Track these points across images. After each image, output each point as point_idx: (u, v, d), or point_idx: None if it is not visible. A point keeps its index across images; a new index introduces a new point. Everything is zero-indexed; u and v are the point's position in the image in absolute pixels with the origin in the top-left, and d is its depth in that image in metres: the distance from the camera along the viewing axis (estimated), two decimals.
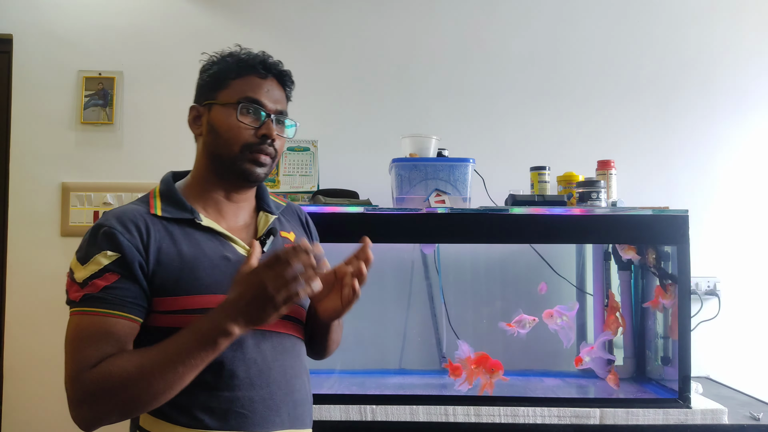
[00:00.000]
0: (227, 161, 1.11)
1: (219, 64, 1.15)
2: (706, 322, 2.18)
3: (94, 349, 0.96)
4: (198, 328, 0.95)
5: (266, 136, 1.11)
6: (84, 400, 0.95)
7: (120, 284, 1.00)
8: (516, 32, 2.35)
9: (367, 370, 2.06)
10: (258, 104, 1.12)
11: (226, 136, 1.10)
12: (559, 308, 1.85)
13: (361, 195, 1.96)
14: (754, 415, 1.71)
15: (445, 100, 2.33)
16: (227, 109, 1.11)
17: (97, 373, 0.94)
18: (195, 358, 0.94)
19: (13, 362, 2.20)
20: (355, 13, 2.34)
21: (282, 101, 1.17)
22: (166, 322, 1.02)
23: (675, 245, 1.75)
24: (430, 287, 2.15)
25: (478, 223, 1.76)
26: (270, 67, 1.16)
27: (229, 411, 1.03)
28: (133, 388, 0.94)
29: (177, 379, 0.95)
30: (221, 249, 1.09)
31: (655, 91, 2.32)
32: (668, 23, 2.34)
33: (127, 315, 0.99)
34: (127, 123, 2.29)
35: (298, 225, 1.29)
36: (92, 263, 1.00)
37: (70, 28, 2.29)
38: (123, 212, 1.06)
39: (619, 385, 1.85)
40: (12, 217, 2.24)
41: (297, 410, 1.11)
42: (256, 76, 1.13)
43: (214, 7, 2.33)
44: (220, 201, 1.15)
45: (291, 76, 1.20)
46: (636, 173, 2.24)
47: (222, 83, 1.13)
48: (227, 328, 0.94)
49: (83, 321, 0.98)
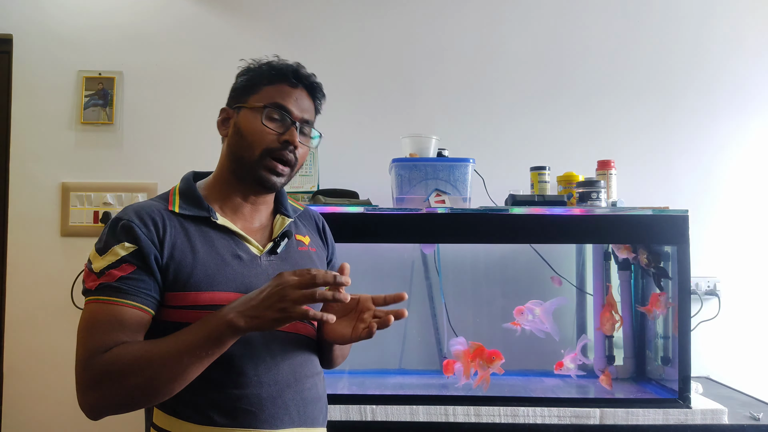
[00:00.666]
0: (247, 164, 1.13)
1: (254, 71, 1.18)
2: (706, 322, 2.18)
3: (106, 335, 0.98)
4: (206, 321, 0.98)
5: (288, 142, 1.12)
6: (92, 385, 0.97)
7: (135, 275, 1.02)
8: (516, 32, 2.35)
9: (367, 370, 2.06)
10: (284, 110, 1.13)
11: (250, 139, 1.12)
12: (531, 304, 1.85)
13: (361, 195, 1.96)
14: (754, 415, 1.71)
15: (445, 100, 2.33)
16: (254, 113, 1.13)
17: (107, 358, 0.96)
18: (200, 350, 0.96)
19: (13, 362, 2.20)
20: (355, 13, 2.35)
21: (310, 111, 1.18)
22: (176, 316, 1.04)
23: (675, 245, 1.75)
24: (430, 287, 2.15)
25: (478, 223, 1.76)
26: (301, 78, 1.18)
27: (237, 408, 1.04)
28: (138, 375, 0.96)
29: (182, 371, 0.96)
30: (234, 248, 1.11)
31: (655, 91, 2.32)
32: (668, 23, 2.34)
33: (140, 306, 1.01)
34: (127, 123, 2.29)
35: (314, 231, 1.30)
36: (110, 254, 1.02)
37: (70, 28, 2.29)
38: (141, 207, 1.09)
39: (612, 385, 1.84)
40: (12, 218, 2.24)
41: (307, 409, 1.12)
42: (287, 85, 1.16)
43: (215, 7, 2.33)
44: (239, 203, 1.17)
45: (322, 89, 1.22)
46: (636, 173, 2.24)
47: (254, 88, 1.16)
48: (233, 322, 0.95)
49: (98, 309, 1.01)
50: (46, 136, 2.26)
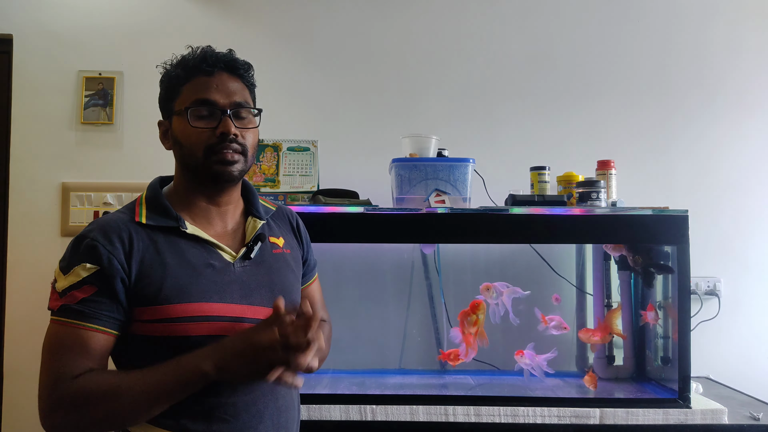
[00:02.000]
0: (197, 168, 1.09)
1: (169, 74, 1.12)
2: (706, 322, 2.18)
3: (71, 361, 0.98)
4: (179, 365, 0.98)
5: (224, 133, 1.07)
6: (58, 409, 0.96)
7: (97, 297, 1.00)
8: (516, 32, 2.35)
9: (367, 370, 2.06)
10: (208, 104, 1.08)
11: (188, 144, 1.08)
12: (500, 284, 1.86)
13: (361, 195, 1.96)
14: (754, 415, 1.71)
15: (445, 100, 2.33)
16: (182, 118, 1.09)
17: (74, 387, 0.96)
18: (170, 392, 0.97)
19: (13, 362, 2.20)
20: (355, 13, 2.34)
21: (238, 92, 1.11)
22: (149, 330, 1.02)
23: (675, 245, 1.75)
24: (430, 287, 2.15)
25: (478, 223, 1.76)
26: (214, 62, 1.10)
27: (212, 416, 1.03)
28: (105, 407, 0.96)
29: (149, 408, 0.98)
30: (206, 257, 1.08)
31: (655, 91, 2.32)
32: (668, 23, 2.34)
33: (101, 328, 1.00)
34: (127, 123, 2.29)
35: (288, 230, 1.27)
36: (72, 274, 1.01)
37: (70, 28, 2.29)
38: (107, 222, 1.06)
39: (596, 386, 1.84)
40: (12, 217, 2.24)
41: (281, 417, 1.11)
42: (202, 75, 1.09)
43: (214, 7, 2.33)
44: (205, 207, 1.13)
45: (243, 63, 1.13)
46: (636, 173, 2.24)
47: (175, 92, 1.11)
48: (204, 370, 0.96)
49: (60, 331, 1.00)
50: (46, 136, 2.26)
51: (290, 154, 2.00)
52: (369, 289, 2.17)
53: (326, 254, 2.02)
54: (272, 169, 1.97)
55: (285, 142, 1.99)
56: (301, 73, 2.31)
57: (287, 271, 1.19)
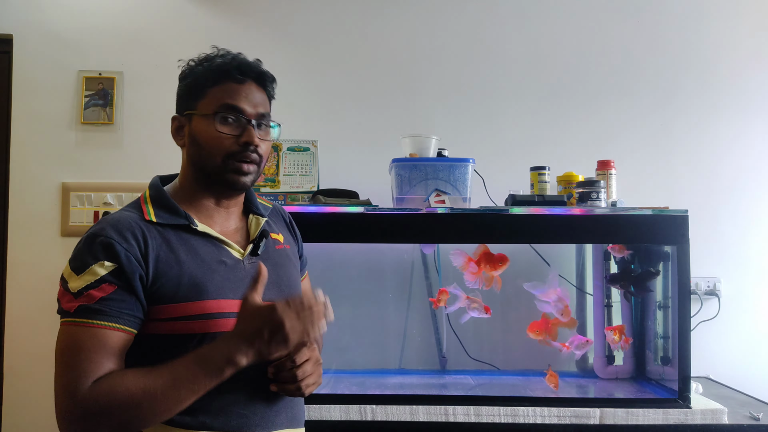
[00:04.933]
0: (211, 172, 1.10)
1: (195, 73, 1.13)
2: (706, 322, 2.19)
3: (92, 362, 0.95)
4: (205, 355, 0.96)
5: (248, 143, 1.08)
6: (81, 416, 0.93)
7: (117, 295, 0.98)
8: (516, 32, 2.35)
9: (367, 370, 2.06)
10: (237, 111, 1.09)
11: (208, 147, 1.08)
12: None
13: (361, 195, 1.96)
14: (754, 415, 1.71)
15: (445, 100, 2.33)
16: (207, 120, 1.09)
17: (98, 391, 0.93)
18: (199, 384, 0.95)
19: (13, 362, 2.20)
20: (355, 13, 2.34)
21: (263, 104, 1.13)
22: (167, 329, 1.02)
23: (675, 245, 1.75)
24: (430, 287, 2.15)
25: (478, 223, 1.76)
26: (247, 71, 1.11)
27: (230, 412, 1.04)
28: (135, 410, 0.94)
29: (178, 403, 0.96)
30: (217, 254, 1.09)
31: (655, 91, 2.32)
32: (668, 23, 2.33)
33: (123, 327, 0.98)
34: (127, 123, 2.29)
35: (284, 226, 1.29)
36: (88, 273, 0.98)
37: (70, 28, 2.29)
38: (118, 220, 1.04)
39: (558, 386, 1.82)
40: (12, 217, 2.24)
41: (294, 410, 1.13)
42: (233, 82, 1.10)
43: (214, 7, 2.33)
44: (211, 207, 1.14)
45: (270, 76, 1.16)
46: (636, 173, 2.24)
47: (200, 92, 1.11)
48: (236, 360, 0.95)
49: (78, 333, 0.97)
50: (46, 136, 2.26)
51: (290, 154, 2.00)
52: (369, 289, 2.17)
53: (326, 254, 2.03)
54: (272, 169, 1.98)
55: (285, 142, 1.99)
56: (301, 72, 2.31)
57: (290, 267, 1.22)
